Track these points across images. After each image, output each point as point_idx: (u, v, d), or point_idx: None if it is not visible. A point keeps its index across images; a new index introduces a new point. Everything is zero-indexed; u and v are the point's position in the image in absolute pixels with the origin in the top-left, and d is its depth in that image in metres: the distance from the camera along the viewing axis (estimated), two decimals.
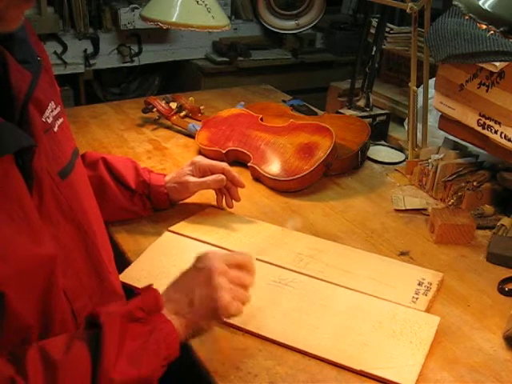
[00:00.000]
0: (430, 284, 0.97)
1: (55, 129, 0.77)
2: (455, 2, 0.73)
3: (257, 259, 1.02)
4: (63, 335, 0.70)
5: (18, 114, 0.68)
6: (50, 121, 0.75)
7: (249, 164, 1.35)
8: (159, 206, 1.16)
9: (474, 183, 1.24)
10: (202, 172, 1.15)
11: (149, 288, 0.78)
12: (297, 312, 0.90)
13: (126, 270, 0.99)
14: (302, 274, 0.99)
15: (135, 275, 0.98)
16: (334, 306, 0.91)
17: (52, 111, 0.76)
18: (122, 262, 1.04)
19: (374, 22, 1.73)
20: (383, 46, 1.80)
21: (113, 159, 1.12)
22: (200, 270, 0.81)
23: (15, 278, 0.65)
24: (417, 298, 0.93)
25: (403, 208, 1.25)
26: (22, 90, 0.68)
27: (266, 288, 0.95)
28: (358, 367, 0.79)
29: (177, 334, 0.75)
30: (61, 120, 0.79)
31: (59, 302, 0.72)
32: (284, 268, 1.00)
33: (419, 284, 0.97)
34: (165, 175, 1.17)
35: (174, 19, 1.33)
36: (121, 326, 0.70)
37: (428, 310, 0.92)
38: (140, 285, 0.95)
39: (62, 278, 0.72)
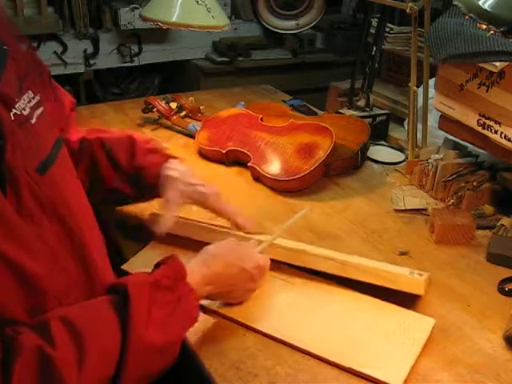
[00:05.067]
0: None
1: (33, 120, 0.73)
2: (455, 2, 0.73)
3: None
4: (84, 302, 0.71)
5: None
6: (26, 112, 0.72)
7: (249, 164, 1.35)
8: (148, 192, 1.09)
9: (474, 183, 1.24)
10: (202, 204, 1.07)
11: (172, 257, 0.81)
12: (291, 307, 0.91)
13: (131, 260, 1.00)
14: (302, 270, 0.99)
15: (139, 265, 0.98)
16: (329, 304, 0.92)
17: (29, 101, 0.73)
18: (122, 262, 1.04)
19: (374, 22, 1.73)
20: (383, 46, 1.79)
21: (109, 139, 1.07)
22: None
23: None
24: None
25: (403, 208, 1.25)
26: None
27: (267, 284, 0.95)
28: (347, 364, 0.80)
29: (198, 305, 0.80)
30: (40, 109, 0.75)
31: (46, 303, 0.70)
32: (285, 263, 1.00)
33: None
34: (165, 160, 1.07)
35: (174, 19, 1.33)
36: (149, 293, 0.72)
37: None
38: None
39: (48, 277, 0.70)
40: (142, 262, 0.99)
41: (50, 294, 0.71)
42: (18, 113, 0.70)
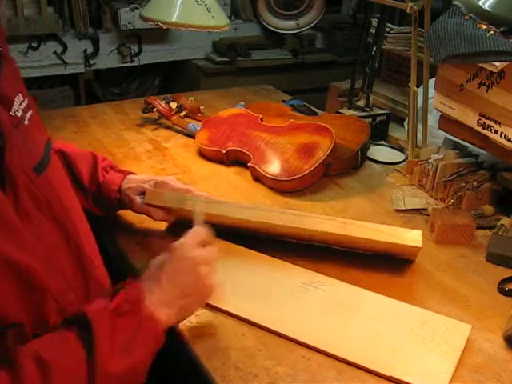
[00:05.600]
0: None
1: (26, 122, 0.74)
2: (455, 2, 0.73)
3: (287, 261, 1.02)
4: (50, 335, 0.69)
5: None
6: (19, 114, 0.73)
7: (249, 164, 1.35)
8: (109, 208, 1.11)
9: (474, 183, 1.24)
10: None
11: (131, 281, 0.79)
12: (326, 315, 0.89)
13: None
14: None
15: None
16: (364, 310, 0.91)
17: (20, 104, 0.73)
18: (123, 263, 1.04)
19: (374, 22, 1.73)
20: (383, 46, 1.79)
21: (72, 153, 1.07)
22: (182, 261, 0.81)
23: None
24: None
25: (403, 208, 1.25)
26: None
27: (296, 290, 0.95)
28: (388, 373, 0.79)
29: (161, 324, 0.76)
30: (30, 112, 0.76)
31: (45, 302, 0.71)
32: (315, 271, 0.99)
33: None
34: (125, 175, 1.10)
35: (174, 19, 1.33)
36: (110, 320, 0.71)
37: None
38: None
39: (45, 276, 0.71)
40: None
41: (48, 293, 0.71)
42: (13, 114, 0.71)
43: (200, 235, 0.86)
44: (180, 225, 1.12)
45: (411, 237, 0.98)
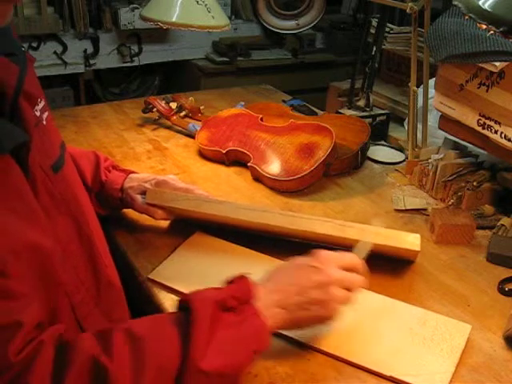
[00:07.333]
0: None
1: (44, 122, 0.76)
2: (455, 2, 0.73)
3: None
4: (149, 316, 0.70)
5: (8, 109, 0.65)
6: (38, 114, 0.74)
7: (249, 164, 1.35)
8: (112, 207, 1.11)
9: (474, 183, 1.24)
10: None
11: (242, 277, 0.76)
12: None
13: (157, 269, 0.99)
14: None
15: (166, 274, 0.98)
16: (365, 310, 0.90)
17: (38, 104, 0.75)
18: (123, 263, 1.04)
19: (374, 22, 1.73)
20: (383, 46, 1.80)
21: (74, 153, 1.06)
22: (315, 272, 0.78)
23: (12, 258, 0.63)
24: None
25: (403, 208, 1.25)
26: (11, 84, 0.65)
27: None
28: (388, 373, 0.79)
29: (267, 328, 0.73)
30: (46, 113, 0.78)
31: (59, 297, 0.71)
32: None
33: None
34: (127, 175, 1.11)
35: (173, 19, 1.33)
36: (213, 313, 0.69)
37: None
38: (170, 283, 0.96)
39: (61, 270, 0.71)
40: (169, 271, 0.99)
41: (62, 288, 0.72)
42: (33, 114, 0.72)
43: (350, 259, 0.82)
44: (181, 224, 1.12)
45: (409, 240, 0.97)
